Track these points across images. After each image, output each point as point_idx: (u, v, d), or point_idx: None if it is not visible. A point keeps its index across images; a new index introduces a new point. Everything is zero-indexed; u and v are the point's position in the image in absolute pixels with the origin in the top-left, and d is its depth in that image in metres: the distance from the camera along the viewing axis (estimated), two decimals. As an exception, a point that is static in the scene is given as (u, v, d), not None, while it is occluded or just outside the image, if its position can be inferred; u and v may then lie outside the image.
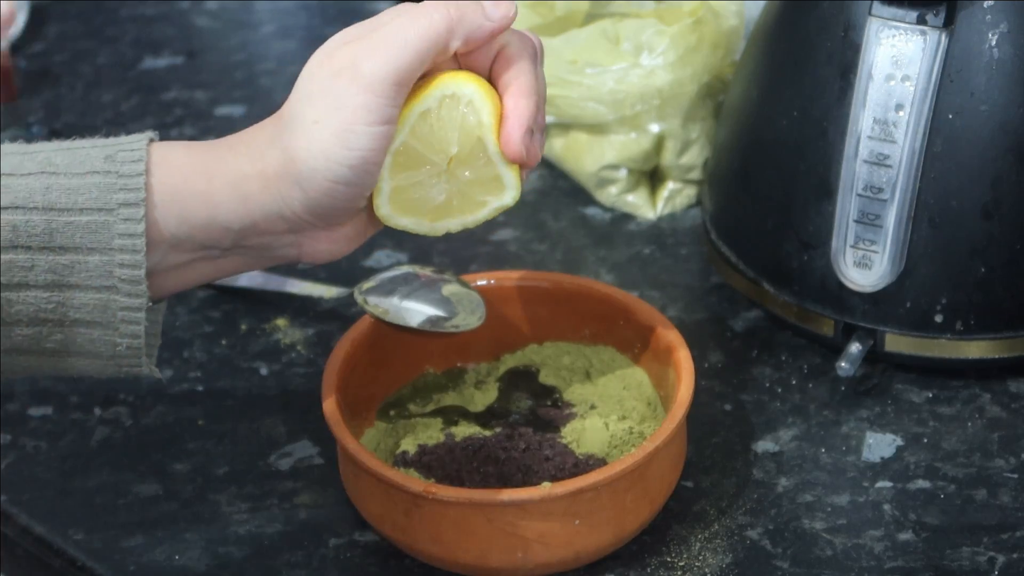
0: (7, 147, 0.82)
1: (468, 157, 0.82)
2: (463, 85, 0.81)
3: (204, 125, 1.25)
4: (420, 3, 0.81)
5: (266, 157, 0.81)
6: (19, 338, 0.81)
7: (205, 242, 0.82)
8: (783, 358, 1.01)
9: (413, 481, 0.84)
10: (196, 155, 0.82)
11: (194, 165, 0.81)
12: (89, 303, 0.80)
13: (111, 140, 0.82)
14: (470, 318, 0.95)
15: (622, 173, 1.13)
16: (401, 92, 0.80)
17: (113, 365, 0.83)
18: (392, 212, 0.83)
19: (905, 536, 0.89)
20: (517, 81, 0.82)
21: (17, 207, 0.79)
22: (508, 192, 0.83)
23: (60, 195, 0.80)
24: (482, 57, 0.83)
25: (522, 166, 0.82)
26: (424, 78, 0.82)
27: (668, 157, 1.13)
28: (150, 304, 0.81)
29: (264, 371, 1.02)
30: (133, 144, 0.81)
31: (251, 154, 0.81)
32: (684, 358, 0.90)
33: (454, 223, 0.84)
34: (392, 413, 0.94)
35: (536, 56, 0.83)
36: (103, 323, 0.81)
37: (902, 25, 0.93)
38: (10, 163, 0.80)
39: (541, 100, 0.83)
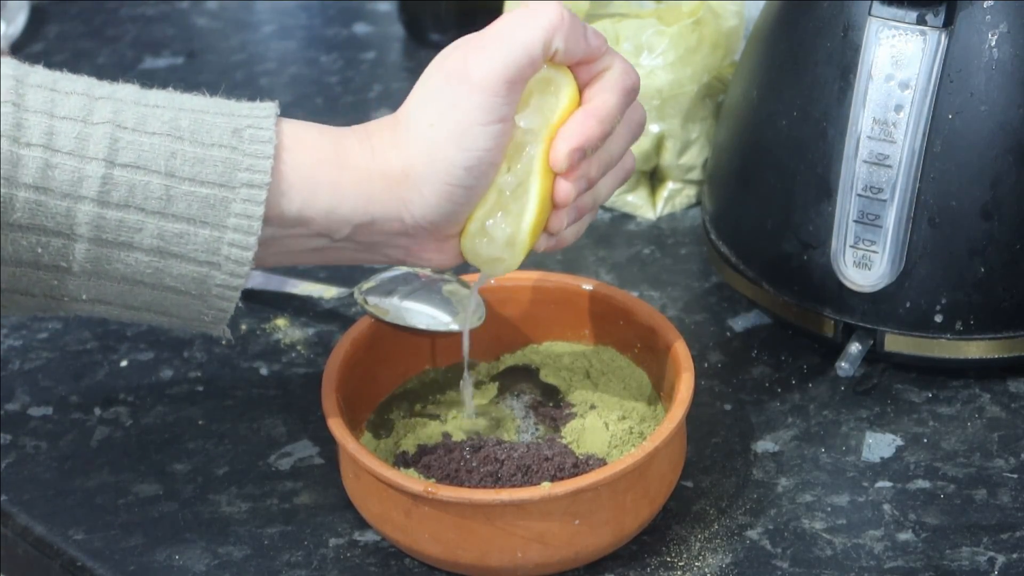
0: (126, 90, 0.81)
1: (514, 153, 0.82)
2: (560, 73, 0.82)
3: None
4: (530, 4, 0.82)
5: (389, 159, 0.81)
6: (109, 292, 0.81)
7: (321, 230, 0.82)
8: (783, 358, 1.01)
9: (413, 481, 0.84)
10: (328, 142, 0.82)
11: (325, 152, 0.81)
12: (188, 274, 0.80)
13: (236, 107, 0.81)
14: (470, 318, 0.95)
15: (622, 173, 1.13)
16: (514, 90, 0.80)
17: (192, 326, 0.83)
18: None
19: (905, 536, 0.89)
20: (596, 100, 0.83)
21: (139, 167, 0.79)
22: (526, 217, 0.83)
23: (184, 163, 0.79)
24: (583, 74, 0.83)
25: (553, 204, 0.83)
26: None
27: (668, 157, 1.13)
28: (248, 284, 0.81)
29: (264, 371, 1.02)
30: (262, 122, 0.80)
31: (375, 153, 0.82)
32: (684, 358, 0.90)
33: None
34: (392, 413, 0.94)
35: (628, 92, 0.84)
36: (196, 294, 0.81)
37: (902, 25, 0.93)
38: (133, 116, 0.79)
39: (610, 133, 0.83)
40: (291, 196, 0.81)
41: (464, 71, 0.80)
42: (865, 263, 0.95)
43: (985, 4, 0.92)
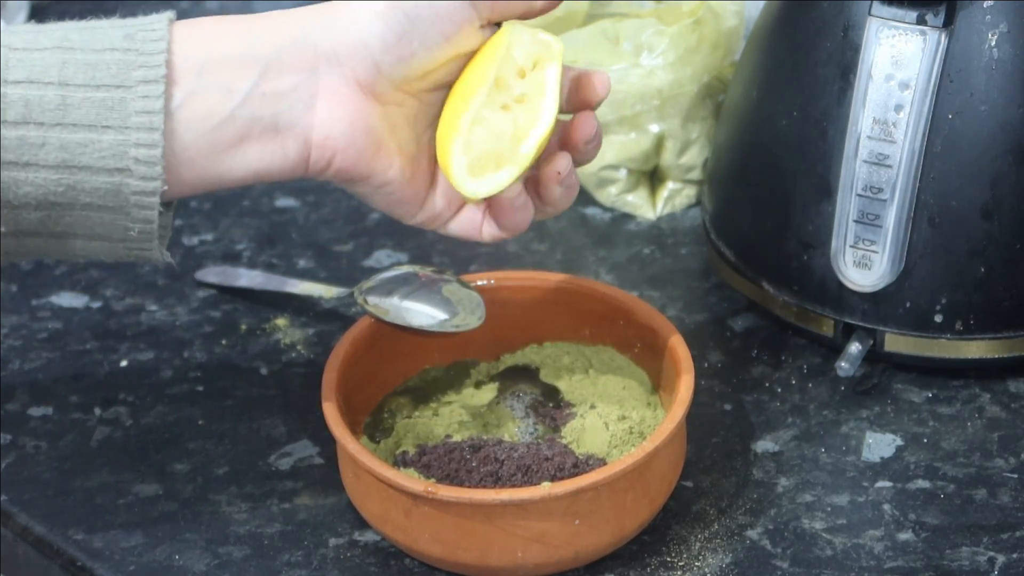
0: (21, 26, 0.80)
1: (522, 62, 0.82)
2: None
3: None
4: None
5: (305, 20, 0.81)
6: (27, 221, 0.79)
7: (225, 83, 0.79)
8: (783, 358, 1.01)
9: (413, 481, 0.84)
10: (228, 20, 0.81)
11: (226, 25, 0.80)
12: (101, 187, 0.78)
13: (130, 20, 0.80)
14: (470, 318, 0.95)
15: (622, 173, 1.13)
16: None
17: (123, 248, 0.81)
18: (475, 179, 0.81)
19: (905, 536, 0.89)
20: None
21: (32, 81, 0.77)
22: (542, 120, 0.82)
23: (77, 71, 0.78)
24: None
25: (553, 173, 0.83)
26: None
27: (668, 157, 1.13)
28: (165, 188, 0.79)
29: (264, 371, 1.02)
30: (154, 23, 0.79)
31: (285, 15, 0.81)
32: (684, 358, 0.90)
33: (532, 138, 0.82)
34: (392, 413, 0.94)
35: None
36: (114, 207, 0.79)
37: (902, 25, 0.93)
38: (24, 38, 0.78)
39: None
40: (190, 60, 0.79)
41: None
42: (865, 263, 0.95)
43: (985, 4, 0.92)
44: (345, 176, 0.83)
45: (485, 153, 0.81)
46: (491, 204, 0.85)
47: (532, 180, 0.85)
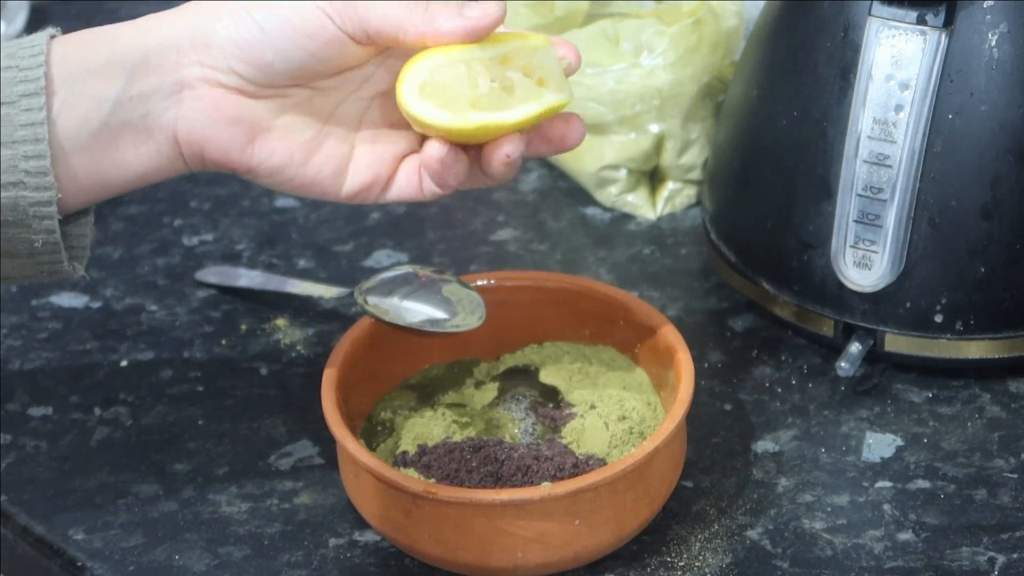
0: None
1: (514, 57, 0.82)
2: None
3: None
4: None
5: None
6: None
7: (95, 91, 0.81)
8: (783, 358, 1.01)
9: (413, 481, 0.84)
10: (100, 29, 0.82)
11: (96, 35, 0.82)
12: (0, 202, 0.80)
13: (15, 40, 0.82)
14: (470, 318, 0.95)
15: (622, 173, 1.13)
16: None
17: (33, 264, 0.82)
18: (419, 99, 0.81)
19: (905, 536, 0.89)
20: None
21: None
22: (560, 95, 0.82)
23: None
24: None
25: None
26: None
27: (668, 157, 1.13)
28: (59, 196, 0.80)
29: (264, 371, 1.02)
30: (34, 39, 0.81)
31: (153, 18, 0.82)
32: (684, 358, 0.90)
33: (487, 117, 0.81)
34: (391, 413, 0.94)
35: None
36: (15, 221, 0.80)
37: (902, 25, 0.93)
38: None
39: None
40: (64, 71, 0.81)
41: None
42: (865, 263, 0.95)
43: (985, 4, 0.92)
44: (224, 167, 0.83)
45: (443, 88, 0.81)
46: (424, 158, 0.84)
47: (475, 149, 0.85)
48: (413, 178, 0.85)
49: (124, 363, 1.02)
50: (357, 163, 0.85)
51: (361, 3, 0.80)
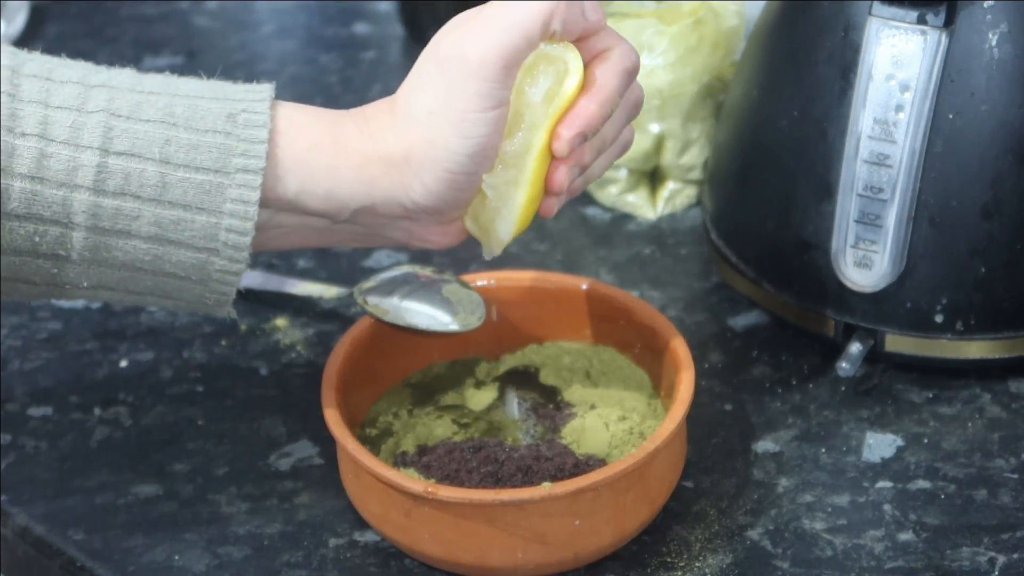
0: (122, 77, 0.81)
1: (512, 127, 0.82)
2: (568, 52, 0.82)
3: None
4: None
5: (388, 143, 0.81)
6: (110, 279, 0.81)
7: (320, 211, 0.82)
8: (783, 358, 1.01)
9: (413, 481, 0.84)
10: (324, 125, 0.82)
11: (322, 136, 0.81)
12: (187, 261, 0.81)
13: (231, 91, 0.82)
14: (470, 318, 0.95)
15: (622, 173, 1.13)
16: (511, 73, 0.80)
17: (197, 308, 0.84)
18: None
19: (905, 536, 0.89)
20: (597, 83, 0.82)
21: (133, 155, 0.79)
22: (520, 191, 0.83)
23: (178, 150, 0.79)
24: (583, 51, 0.83)
25: (547, 189, 0.83)
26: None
27: (668, 157, 1.13)
28: (248, 267, 0.82)
29: (264, 371, 1.02)
30: (256, 106, 0.81)
31: (374, 137, 0.82)
32: (684, 358, 0.90)
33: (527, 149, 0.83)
34: (391, 413, 0.94)
35: (629, 73, 0.84)
36: (197, 280, 0.82)
37: (902, 25, 0.93)
38: (128, 103, 0.80)
39: (609, 116, 0.83)
40: (287, 180, 0.81)
41: (461, 56, 0.79)
42: (865, 263, 0.95)
43: (985, 4, 0.92)
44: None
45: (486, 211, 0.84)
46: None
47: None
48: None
49: (124, 363, 1.02)
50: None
51: None
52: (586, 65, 0.83)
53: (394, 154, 0.81)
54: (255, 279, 1.07)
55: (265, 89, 0.82)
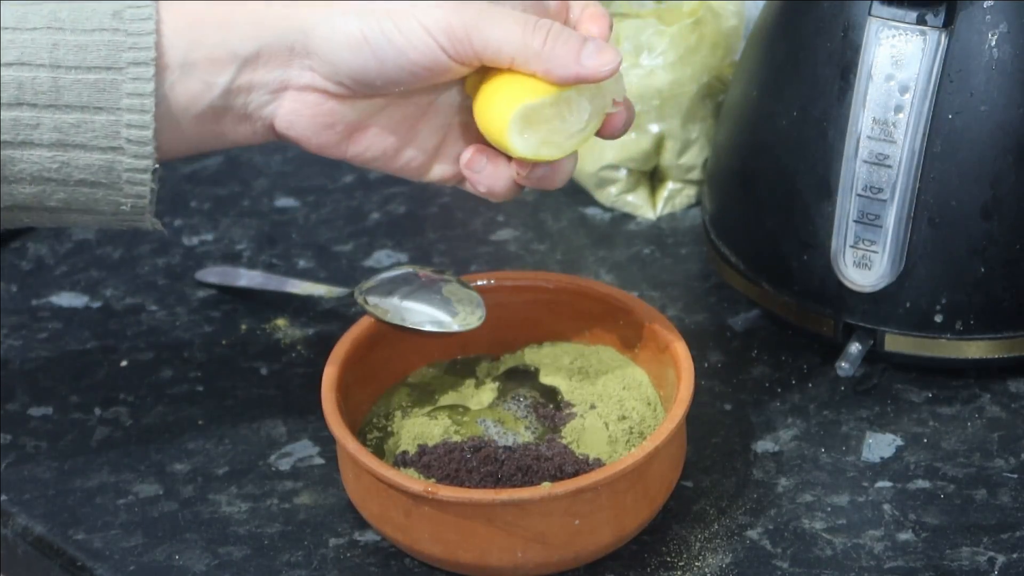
0: (11, 2, 0.81)
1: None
2: None
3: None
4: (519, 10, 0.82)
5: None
6: (22, 196, 0.81)
7: (205, 77, 0.81)
8: (783, 358, 1.01)
9: (413, 481, 0.84)
10: (211, 6, 0.82)
11: (208, 14, 0.81)
12: (94, 164, 0.80)
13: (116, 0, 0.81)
14: (470, 318, 0.95)
15: (622, 173, 1.13)
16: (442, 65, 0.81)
17: (115, 221, 0.83)
18: (522, 138, 0.83)
19: (905, 536, 0.89)
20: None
21: (23, 63, 0.79)
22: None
23: (67, 52, 0.79)
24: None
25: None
26: None
27: (668, 157, 1.13)
28: (156, 167, 0.81)
29: (264, 371, 1.02)
30: (141, 3, 0.80)
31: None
32: (684, 358, 0.90)
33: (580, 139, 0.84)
34: (392, 413, 0.94)
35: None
36: (107, 184, 0.81)
37: (902, 25, 0.93)
38: (13, 14, 0.80)
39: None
40: (176, 50, 0.80)
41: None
42: (865, 263, 0.95)
43: (985, 4, 0.92)
44: (320, 154, 0.85)
45: (542, 123, 0.83)
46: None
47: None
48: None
49: (124, 363, 1.02)
50: (444, 156, 0.87)
51: (476, 33, 0.81)
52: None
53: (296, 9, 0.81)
54: (255, 279, 1.07)
55: None
